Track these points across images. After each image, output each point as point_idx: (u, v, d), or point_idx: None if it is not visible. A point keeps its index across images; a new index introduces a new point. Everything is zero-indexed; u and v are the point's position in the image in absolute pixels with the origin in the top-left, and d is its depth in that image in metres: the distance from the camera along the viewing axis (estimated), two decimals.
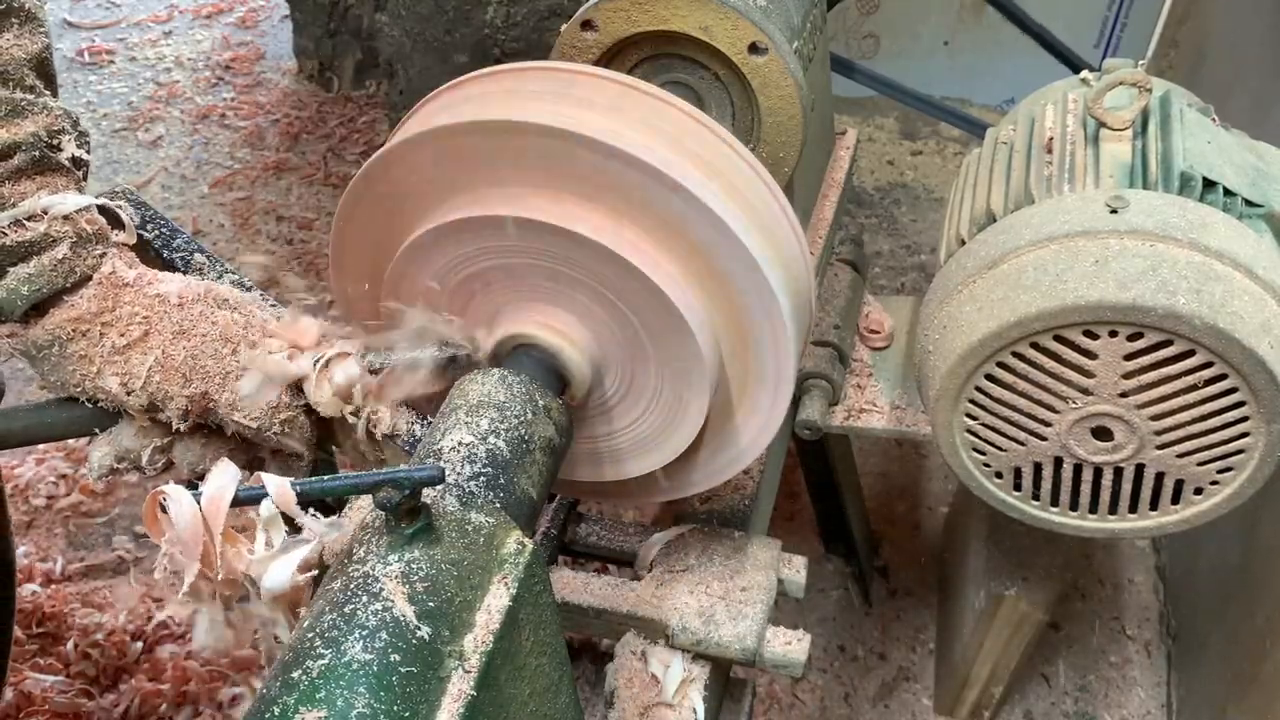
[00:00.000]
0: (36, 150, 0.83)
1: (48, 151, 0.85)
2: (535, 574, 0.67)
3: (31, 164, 0.83)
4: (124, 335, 0.86)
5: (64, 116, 0.87)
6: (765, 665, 0.94)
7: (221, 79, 3.42)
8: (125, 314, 0.87)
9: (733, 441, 0.88)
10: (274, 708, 0.55)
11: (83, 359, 0.86)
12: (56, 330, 0.85)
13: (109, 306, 0.86)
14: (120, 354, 0.86)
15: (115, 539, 2.01)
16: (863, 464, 2.06)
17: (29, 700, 1.68)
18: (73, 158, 0.88)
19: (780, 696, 1.79)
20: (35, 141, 0.83)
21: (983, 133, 1.27)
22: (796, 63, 1.04)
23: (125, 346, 0.86)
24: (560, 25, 1.06)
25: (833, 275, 1.35)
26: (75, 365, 0.86)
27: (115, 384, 0.86)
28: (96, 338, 0.86)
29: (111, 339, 0.86)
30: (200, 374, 0.87)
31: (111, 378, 0.86)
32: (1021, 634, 1.55)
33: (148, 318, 0.87)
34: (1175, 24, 2.63)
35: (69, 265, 0.85)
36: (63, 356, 0.86)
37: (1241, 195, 0.95)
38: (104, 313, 0.86)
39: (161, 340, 0.87)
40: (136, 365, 0.86)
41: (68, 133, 0.87)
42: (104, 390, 0.87)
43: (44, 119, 0.84)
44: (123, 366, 0.86)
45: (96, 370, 0.86)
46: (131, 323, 0.86)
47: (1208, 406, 0.90)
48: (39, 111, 0.84)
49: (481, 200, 0.77)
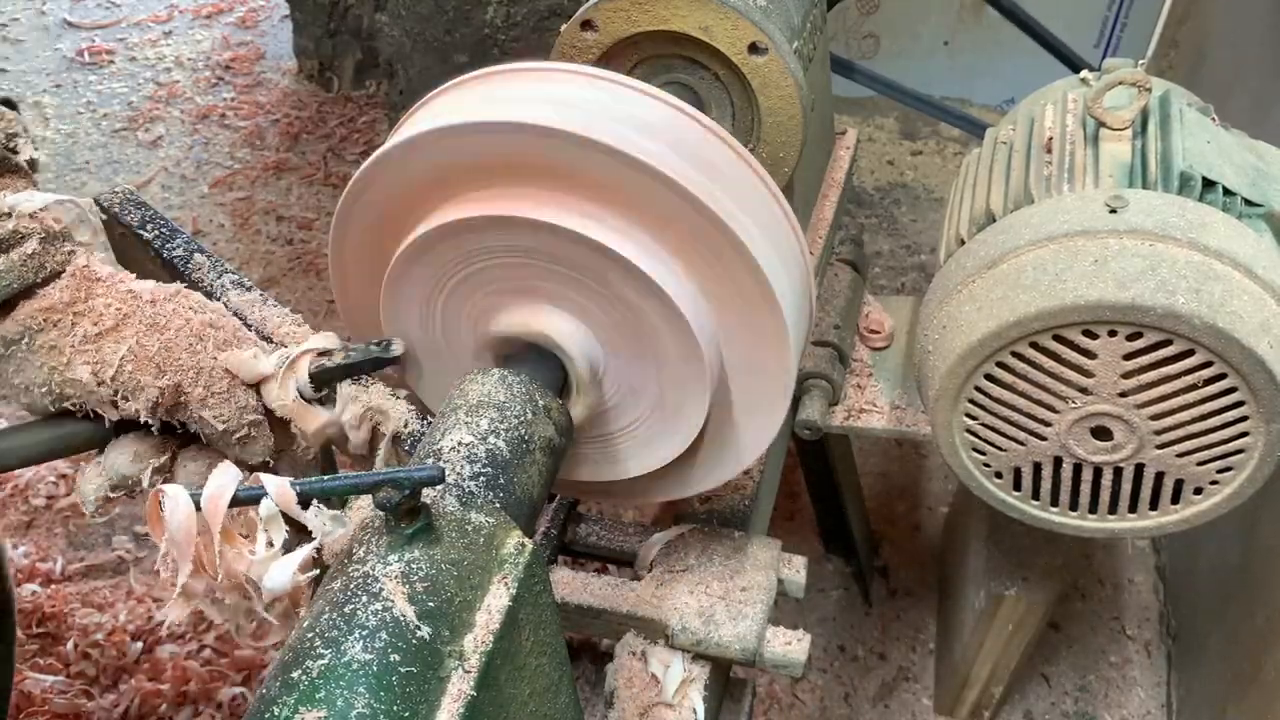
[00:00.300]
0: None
1: (6, 153, 0.86)
2: (535, 574, 0.68)
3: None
4: (96, 324, 0.86)
5: (16, 120, 0.88)
6: (765, 665, 0.94)
7: (221, 79, 3.42)
8: (99, 304, 0.86)
9: (733, 441, 0.88)
10: (274, 708, 0.55)
11: (52, 350, 0.85)
12: (27, 320, 0.85)
13: (81, 297, 0.86)
14: (92, 342, 0.86)
15: (115, 539, 2.01)
16: (863, 464, 2.06)
17: (29, 700, 1.68)
18: (29, 159, 0.89)
19: (780, 696, 1.79)
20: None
21: (983, 133, 1.27)
22: (796, 63, 1.04)
23: (98, 335, 0.86)
24: (560, 25, 1.06)
25: (833, 275, 1.35)
26: (44, 358, 0.86)
27: (86, 373, 0.85)
28: (68, 327, 0.86)
29: (84, 327, 0.86)
30: (174, 366, 0.86)
31: (82, 366, 0.85)
32: (1021, 634, 1.55)
33: (121, 309, 0.87)
34: (1175, 24, 2.63)
35: (39, 260, 0.85)
36: (31, 350, 0.86)
37: (1241, 195, 0.95)
38: (76, 302, 0.86)
39: (135, 331, 0.86)
40: (109, 353, 0.85)
41: (23, 136, 0.88)
42: (74, 382, 0.86)
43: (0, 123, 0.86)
44: (94, 355, 0.85)
45: (66, 361, 0.85)
46: (105, 312, 0.86)
47: (1207, 406, 0.90)
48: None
49: (481, 200, 0.77)
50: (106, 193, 1.13)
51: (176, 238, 1.09)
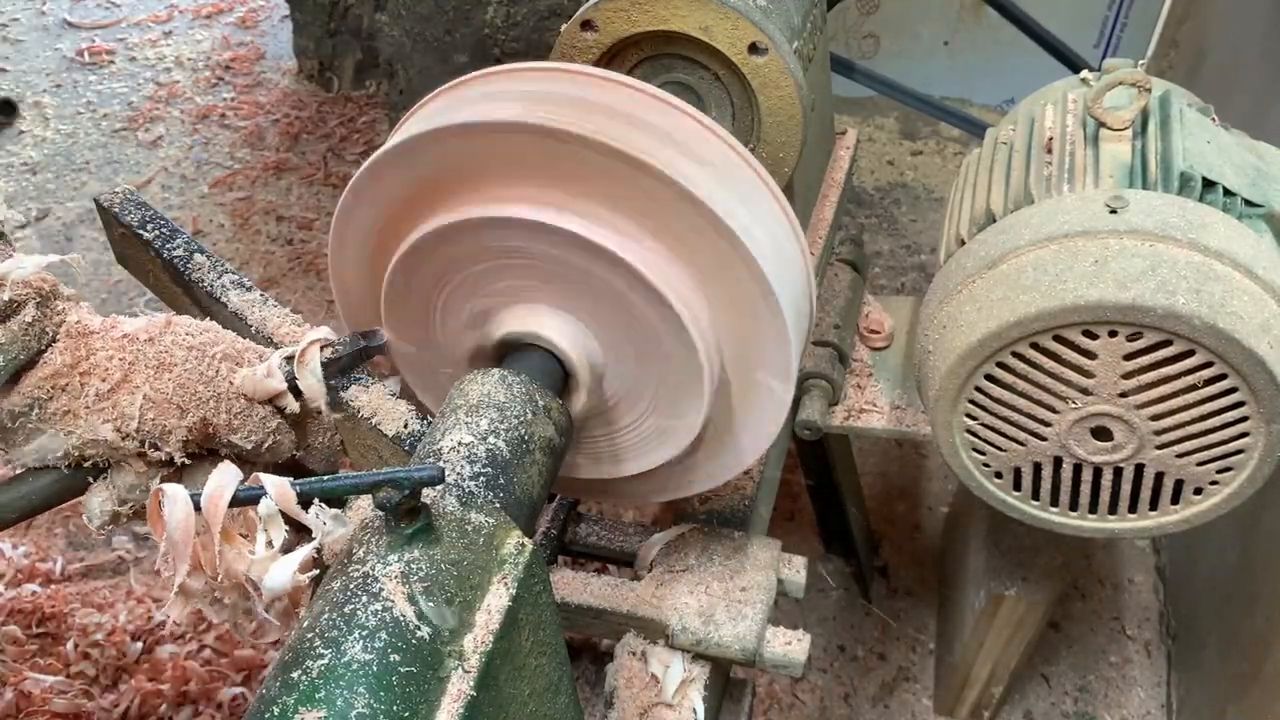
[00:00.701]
0: None
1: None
2: (535, 574, 0.68)
3: None
4: (105, 379, 0.84)
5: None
6: (765, 665, 0.94)
7: (221, 79, 3.42)
8: (101, 359, 0.84)
9: (733, 442, 0.88)
10: (274, 708, 0.55)
11: (66, 415, 0.84)
12: (34, 392, 0.83)
13: (83, 355, 0.84)
14: (106, 399, 0.84)
15: (115, 539, 2.01)
16: (863, 464, 2.06)
17: (29, 700, 1.68)
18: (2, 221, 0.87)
19: (780, 696, 1.79)
20: None
21: (983, 133, 1.27)
22: (796, 63, 1.04)
23: (109, 391, 0.84)
24: (560, 25, 1.06)
25: (833, 275, 1.35)
26: (59, 425, 0.84)
27: (109, 430, 0.84)
28: (78, 389, 0.84)
29: (94, 385, 0.84)
30: (194, 402, 0.85)
31: (104, 426, 0.84)
32: (1021, 634, 1.55)
33: (124, 358, 0.85)
34: (1175, 24, 2.63)
35: (39, 327, 0.83)
36: (42, 420, 0.84)
37: (1241, 195, 0.95)
38: (79, 362, 0.84)
39: (145, 377, 0.85)
40: (126, 405, 0.84)
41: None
42: (95, 441, 0.84)
43: None
44: (113, 411, 0.84)
45: (85, 423, 0.84)
46: (110, 365, 0.84)
47: (1207, 406, 0.90)
48: None
49: (481, 201, 0.77)
50: (106, 193, 1.13)
51: (176, 238, 1.09)
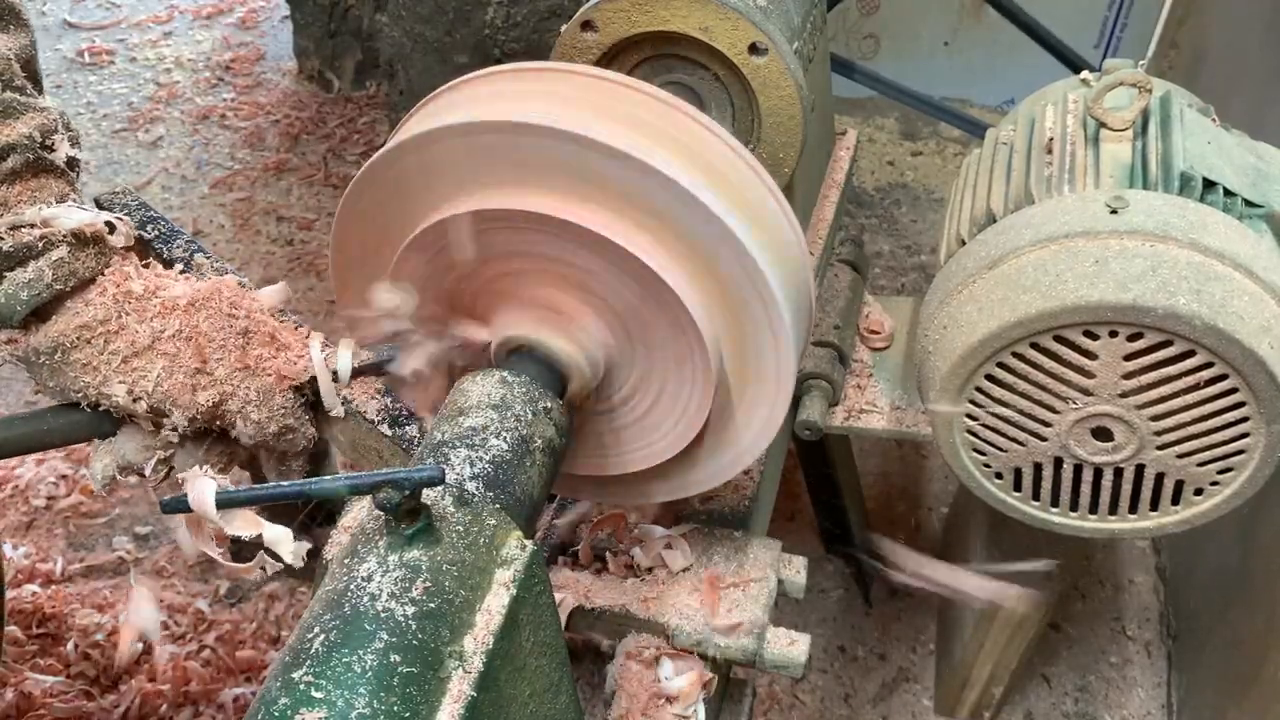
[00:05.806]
0: (30, 152, 0.82)
1: (42, 153, 0.83)
2: (535, 574, 0.68)
3: (25, 166, 0.82)
4: (132, 344, 0.85)
5: (55, 116, 0.85)
6: (765, 666, 0.94)
7: (221, 79, 3.42)
8: (130, 323, 0.85)
9: (733, 441, 0.88)
10: (274, 708, 0.55)
11: (86, 366, 0.85)
12: (60, 337, 0.84)
13: (115, 314, 0.85)
14: (127, 362, 0.85)
15: (115, 539, 2.01)
16: (863, 464, 2.06)
17: (29, 701, 1.68)
18: (67, 158, 0.86)
19: (780, 697, 1.79)
20: (29, 143, 0.81)
21: (983, 133, 1.27)
22: (796, 63, 1.04)
23: (132, 354, 0.85)
24: (560, 26, 1.06)
25: (833, 275, 1.35)
26: (78, 373, 0.85)
27: (122, 391, 0.85)
28: (102, 345, 0.85)
29: (118, 346, 0.85)
30: (210, 381, 0.86)
31: (119, 385, 0.85)
32: (1021, 634, 1.55)
33: (154, 326, 0.86)
34: (1175, 25, 2.63)
35: (68, 268, 0.83)
36: (65, 363, 0.85)
37: (1241, 195, 0.95)
38: (110, 319, 0.85)
39: (171, 347, 0.86)
40: (144, 373, 0.85)
41: (60, 132, 0.85)
42: (109, 397, 0.86)
43: (37, 119, 0.82)
44: (129, 375, 0.85)
45: (102, 379, 0.85)
46: (139, 332, 0.85)
47: (1208, 407, 0.90)
48: (31, 112, 0.82)
49: (482, 199, 0.77)
50: (106, 193, 1.13)
51: (176, 238, 1.08)
